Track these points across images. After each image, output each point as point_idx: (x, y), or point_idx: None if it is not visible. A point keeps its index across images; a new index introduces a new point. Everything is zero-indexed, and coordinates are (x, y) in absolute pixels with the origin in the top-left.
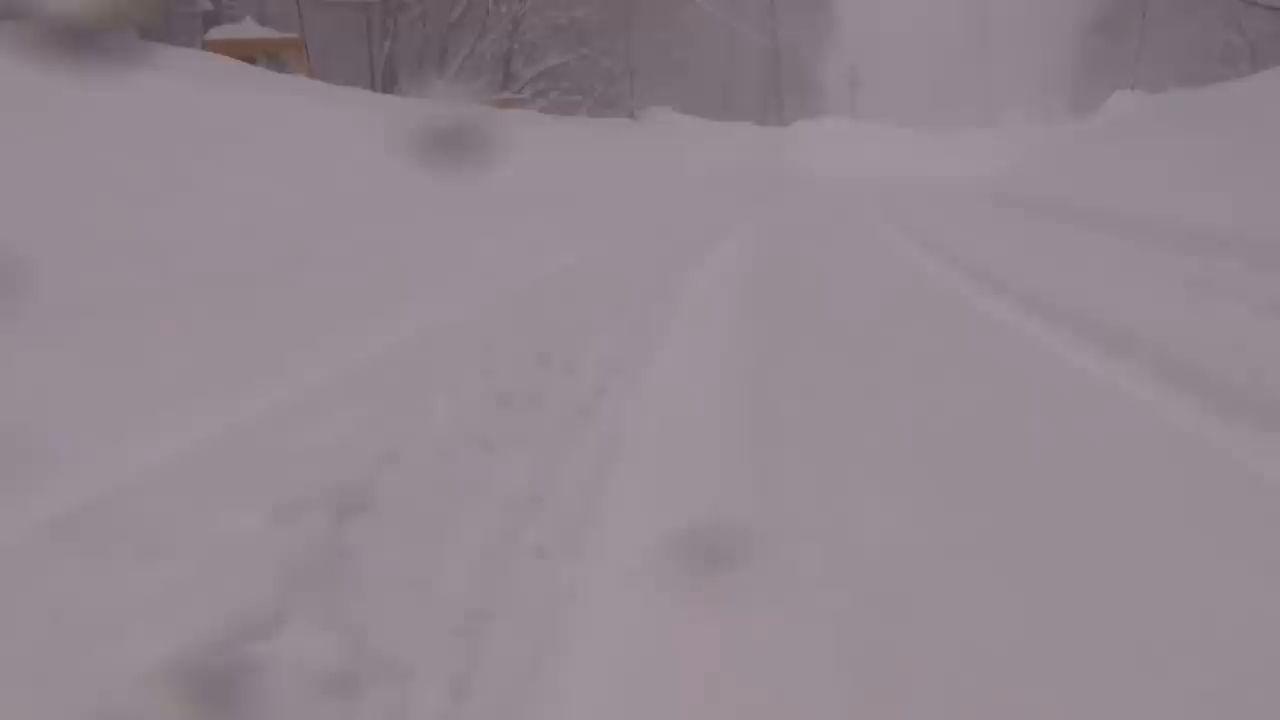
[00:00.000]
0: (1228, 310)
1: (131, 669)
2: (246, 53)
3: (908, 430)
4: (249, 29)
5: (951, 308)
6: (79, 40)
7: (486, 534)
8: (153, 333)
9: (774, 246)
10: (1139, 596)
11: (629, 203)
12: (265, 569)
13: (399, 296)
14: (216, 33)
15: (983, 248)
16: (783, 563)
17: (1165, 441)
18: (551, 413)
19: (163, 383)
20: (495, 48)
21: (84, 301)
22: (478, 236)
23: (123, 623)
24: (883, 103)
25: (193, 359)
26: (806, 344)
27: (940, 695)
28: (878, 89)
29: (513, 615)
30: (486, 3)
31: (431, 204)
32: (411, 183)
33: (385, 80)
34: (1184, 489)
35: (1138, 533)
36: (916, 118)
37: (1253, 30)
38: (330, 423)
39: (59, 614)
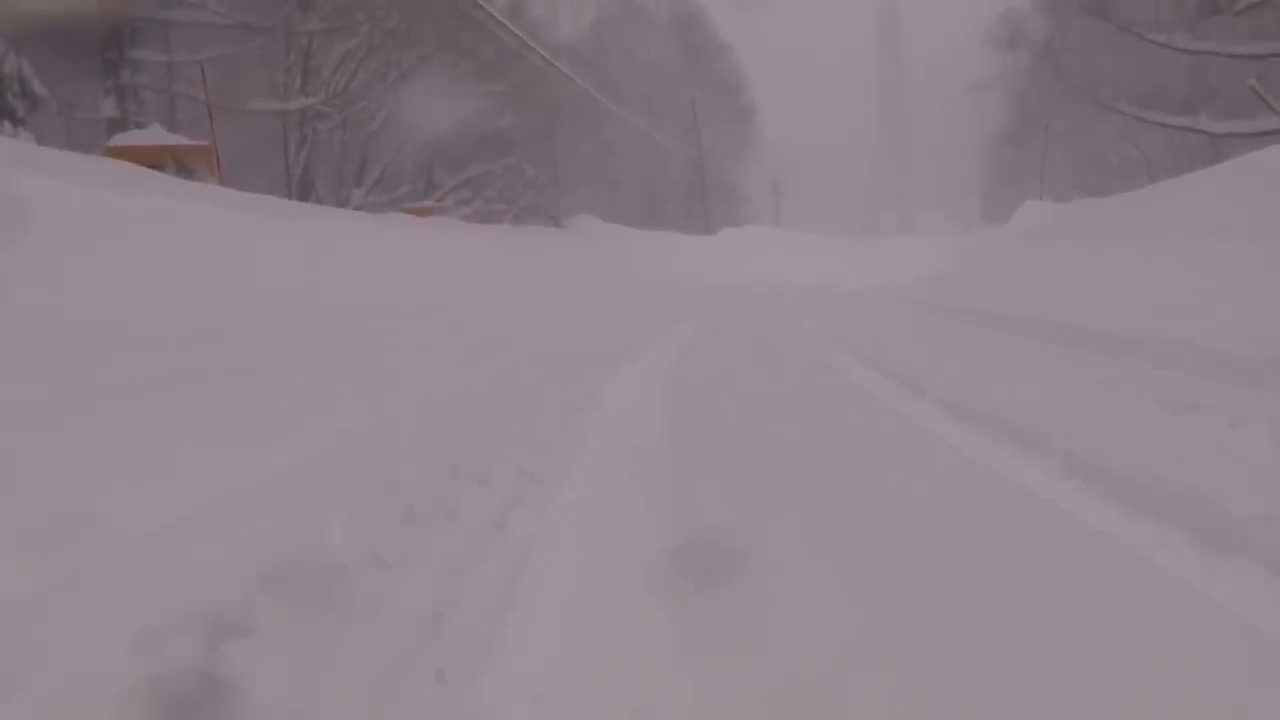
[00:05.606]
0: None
1: None
2: (153, 159)
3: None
4: (156, 135)
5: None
6: None
7: (379, 658)
8: (37, 441)
9: (702, 365)
10: None
11: (544, 315)
12: (115, 706)
13: (296, 409)
14: (120, 138)
15: (946, 371)
16: (696, 689)
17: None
18: (461, 527)
19: (39, 493)
20: (417, 156)
21: None
22: (391, 347)
23: None
24: (806, 210)
25: (62, 473)
26: (734, 470)
27: None
28: (801, 197)
29: None
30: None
31: (328, 310)
32: (312, 289)
33: (301, 188)
34: None
35: None
36: (839, 224)
37: (1146, 143)
38: (215, 542)
39: None
